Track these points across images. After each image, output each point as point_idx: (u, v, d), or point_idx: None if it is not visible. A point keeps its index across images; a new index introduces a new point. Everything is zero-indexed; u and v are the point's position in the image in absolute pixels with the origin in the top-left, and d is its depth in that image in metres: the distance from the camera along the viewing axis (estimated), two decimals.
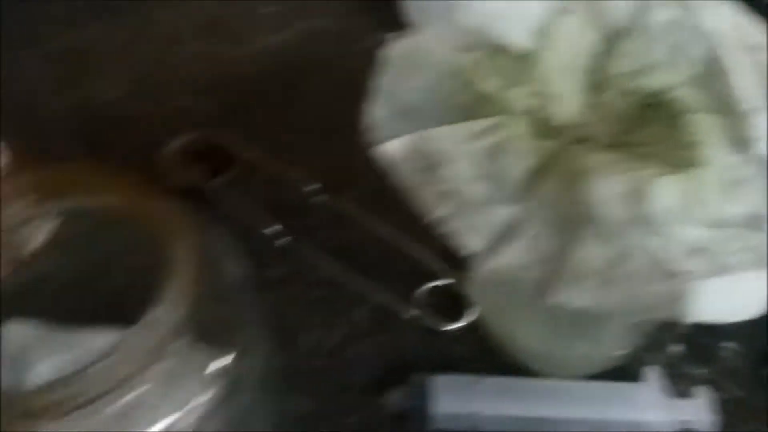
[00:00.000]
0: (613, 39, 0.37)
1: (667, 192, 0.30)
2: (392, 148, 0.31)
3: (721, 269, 0.29)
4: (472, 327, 0.45)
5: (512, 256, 0.29)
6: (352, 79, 0.62)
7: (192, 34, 0.67)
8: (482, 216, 0.30)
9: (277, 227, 0.50)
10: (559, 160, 0.31)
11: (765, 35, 0.35)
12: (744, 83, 0.34)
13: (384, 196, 0.52)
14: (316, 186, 0.52)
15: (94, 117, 0.58)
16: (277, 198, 0.52)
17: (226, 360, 0.30)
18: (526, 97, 0.34)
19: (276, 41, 0.66)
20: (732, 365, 0.44)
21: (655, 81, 0.35)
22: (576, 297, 0.28)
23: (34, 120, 0.57)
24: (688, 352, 0.45)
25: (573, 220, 0.29)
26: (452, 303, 0.46)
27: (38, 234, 0.34)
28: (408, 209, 0.51)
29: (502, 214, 0.30)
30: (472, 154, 0.31)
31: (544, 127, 0.34)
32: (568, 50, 0.35)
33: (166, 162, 0.53)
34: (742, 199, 0.32)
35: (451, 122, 0.33)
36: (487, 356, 0.44)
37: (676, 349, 0.45)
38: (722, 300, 0.29)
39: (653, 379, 0.41)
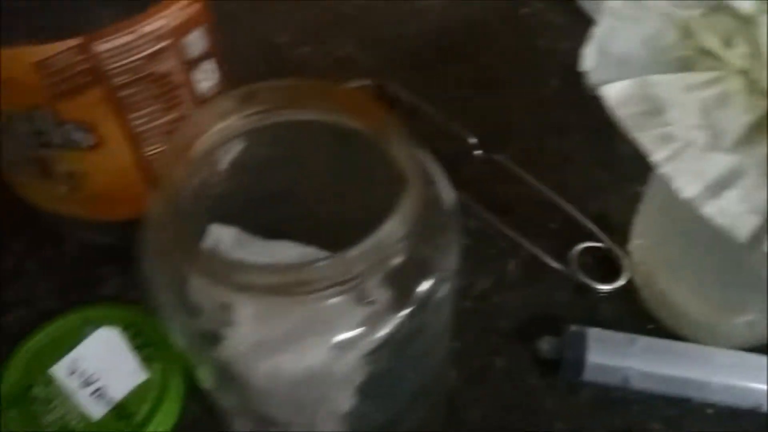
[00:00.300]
0: None
1: None
2: (615, 91, 0.32)
3: None
4: (620, 291, 0.46)
5: (729, 204, 0.30)
6: (515, 41, 0.64)
7: None
8: (701, 162, 0.30)
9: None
10: None
11: None
12: None
13: (543, 155, 0.54)
14: (476, 140, 0.53)
15: (265, 58, 0.61)
16: (437, 150, 0.54)
17: (430, 283, 0.32)
18: (743, 58, 0.34)
19: (439, 2, 0.68)
20: None
21: None
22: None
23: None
24: None
25: None
26: (603, 266, 0.47)
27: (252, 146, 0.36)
28: (565, 172, 0.52)
29: (721, 162, 0.30)
30: (693, 103, 0.31)
31: (757, 89, 0.34)
32: None
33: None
34: None
35: (668, 73, 0.33)
36: (635, 320, 0.45)
37: None
38: None
39: None
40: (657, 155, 0.31)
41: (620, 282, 0.46)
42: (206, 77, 0.39)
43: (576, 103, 0.49)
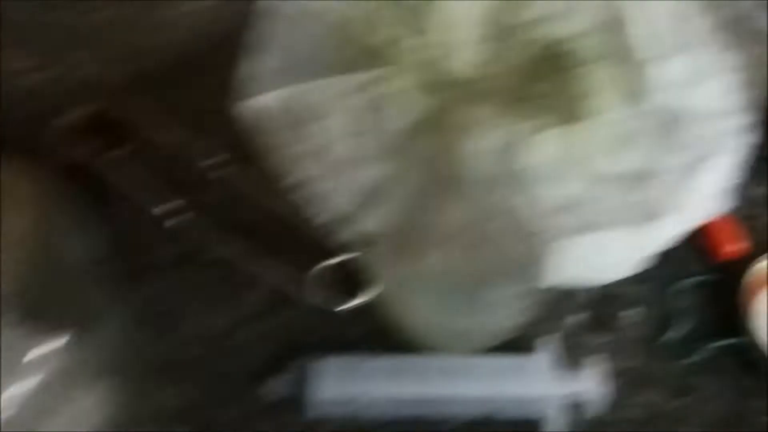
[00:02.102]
0: None
1: (540, 148, 0.28)
2: (259, 104, 0.29)
3: (593, 226, 0.27)
4: (367, 307, 0.44)
5: (379, 220, 0.27)
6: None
7: (106, 2, 0.63)
8: (350, 176, 0.28)
9: (172, 205, 0.48)
10: (440, 117, 0.29)
11: None
12: (642, 32, 0.32)
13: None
14: (218, 159, 0.49)
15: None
16: (176, 173, 0.50)
17: (56, 344, 0.28)
18: (421, 49, 0.32)
19: (191, 8, 0.63)
20: (631, 334, 0.43)
21: (553, 31, 0.33)
22: (438, 261, 0.27)
23: None
24: (588, 321, 0.44)
25: (443, 180, 0.28)
26: (348, 282, 0.45)
27: None
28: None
29: (372, 173, 0.28)
30: (349, 108, 0.28)
31: (437, 81, 0.32)
32: (460, 1, 0.33)
33: (59, 135, 0.50)
34: (630, 153, 0.30)
35: (334, 76, 0.30)
36: (380, 335, 0.42)
37: (575, 318, 0.44)
38: (590, 259, 0.28)
39: (545, 351, 0.40)
40: (304, 173, 0.27)
41: (364, 297, 0.44)
42: None
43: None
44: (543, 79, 0.33)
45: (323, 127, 0.29)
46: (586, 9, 0.33)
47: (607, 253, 0.29)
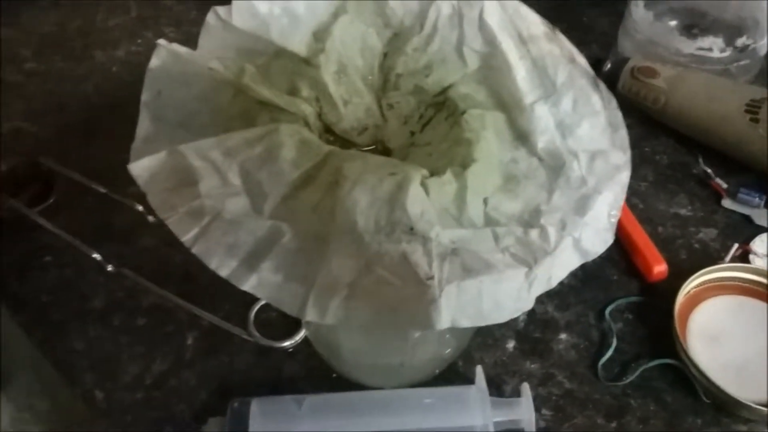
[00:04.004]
0: (397, 38, 0.35)
1: (428, 194, 0.29)
2: (144, 165, 0.29)
3: (481, 269, 0.28)
4: (304, 344, 0.44)
5: (267, 274, 0.27)
6: None
7: (31, 52, 0.64)
8: (234, 233, 0.28)
9: (105, 252, 0.48)
10: (329, 166, 0.29)
11: (542, 25, 0.35)
12: (523, 76, 0.33)
13: None
14: (143, 207, 0.50)
15: None
16: (107, 221, 0.50)
17: None
18: (308, 102, 0.32)
19: (118, 55, 0.64)
20: (566, 358, 0.44)
21: (439, 79, 0.34)
22: (326, 314, 0.27)
23: None
24: (523, 346, 0.44)
25: (331, 230, 0.28)
26: (286, 320, 0.45)
27: None
28: None
29: (258, 229, 0.28)
30: (235, 166, 0.29)
31: (328, 133, 0.33)
32: (351, 52, 0.34)
33: None
34: (519, 194, 0.31)
35: (225, 132, 0.31)
36: (319, 372, 0.43)
37: (510, 344, 0.44)
38: (482, 301, 0.28)
39: (480, 380, 0.41)
40: (185, 235, 0.28)
41: (298, 337, 0.44)
42: None
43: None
44: (432, 127, 0.34)
45: (207, 186, 0.29)
46: (467, 57, 0.34)
47: (498, 295, 0.29)
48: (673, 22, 0.66)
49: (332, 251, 0.27)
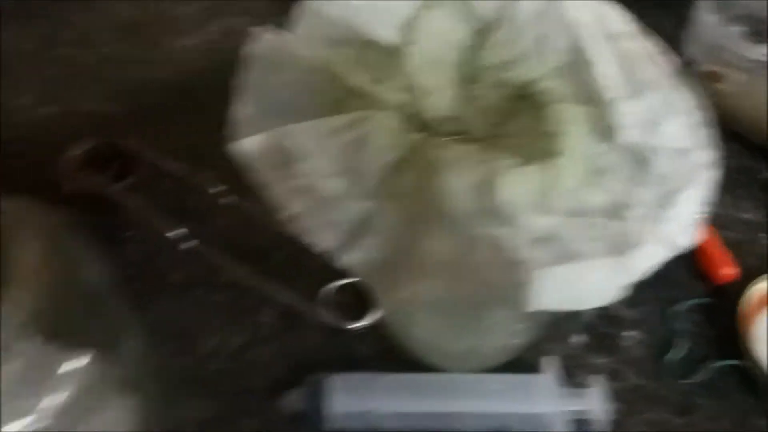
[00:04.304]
0: (482, 32, 0.36)
1: (517, 183, 0.30)
2: (248, 145, 0.30)
3: (570, 257, 0.29)
4: (376, 326, 0.45)
5: (366, 252, 0.29)
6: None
7: (107, 37, 0.66)
8: (336, 212, 0.29)
9: (183, 230, 0.49)
10: (420, 154, 0.31)
11: (627, 23, 0.35)
12: (607, 72, 0.33)
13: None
14: (222, 188, 0.51)
15: (8, 123, 0.57)
16: (184, 201, 0.52)
17: (82, 361, 0.29)
18: (396, 92, 0.33)
19: (191, 43, 0.65)
20: (633, 354, 0.45)
21: (522, 73, 0.35)
22: (424, 291, 0.28)
23: None
24: (591, 341, 0.45)
25: (426, 213, 0.29)
26: (357, 302, 0.46)
27: None
28: None
29: (357, 209, 0.29)
30: (332, 149, 0.30)
31: (414, 121, 0.34)
32: (436, 44, 0.35)
33: (66, 167, 0.52)
34: (603, 187, 0.31)
35: (318, 117, 0.32)
36: (390, 354, 0.44)
37: (578, 339, 0.45)
38: (570, 287, 0.29)
39: (549, 370, 0.41)
40: (292, 209, 0.29)
41: (372, 317, 0.45)
42: None
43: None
44: (515, 119, 0.35)
45: (308, 166, 0.30)
46: (553, 52, 0.35)
47: (585, 282, 0.30)
48: (740, 28, 0.66)
49: (427, 233, 0.29)
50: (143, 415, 0.36)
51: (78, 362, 0.29)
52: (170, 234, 0.49)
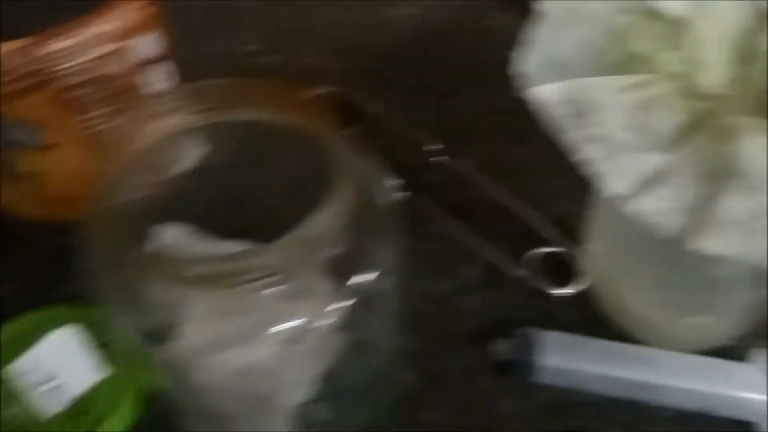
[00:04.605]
0: (762, 16, 0.37)
1: None
2: (546, 92, 0.33)
3: None
4: (578, 296, 0.47)
5: (657, 202, 0.31)
6: (478, 52, 0.65)
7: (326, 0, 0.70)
8: (630, 161, 0.31)
9: (396, 182, 0.52)
10: (708, 120, 0.32)
11: None
12: None
13: (503, 162, 0.55)
14: (437, 146, 0.54)
15: (234, 66, 0.62)
16: (399, 156, 0.55)
17: (370, 276, 0.32)
18: (676, 62, 0.35)
19: (406, 13, 0.69)
20: None
21: None
22: (719, 245, 0.30)
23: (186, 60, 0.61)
24: None
25: (720, 173, 0.31)
26: (561, 271, 0.48)
27: (197, 145, 0.37)
28: (525, 176, 0.53)
29: (650, 161, 0.31)
30: (624, 104, 0.32)
31: (691, 92, 0.35)
32: (721, 22, 0.36)
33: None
34: None
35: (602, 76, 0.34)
36: (592, 324, 0.45)
37: None
38: None
39: (759, 361, 0.42)
40: (586, 155, 0.31)
41: (576, 287, 0.47)
42: (161, 80, 0.40)
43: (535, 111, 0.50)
44: None
45: (602, 117, 0.32)
46: None
47: None
48: None
49: (725, 191, 0.30)
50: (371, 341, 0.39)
51: (367, 277, 0.32)
52: (385, 183, 0.52)
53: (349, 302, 0.32)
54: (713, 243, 0.30)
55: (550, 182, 0.53)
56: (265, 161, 0.38)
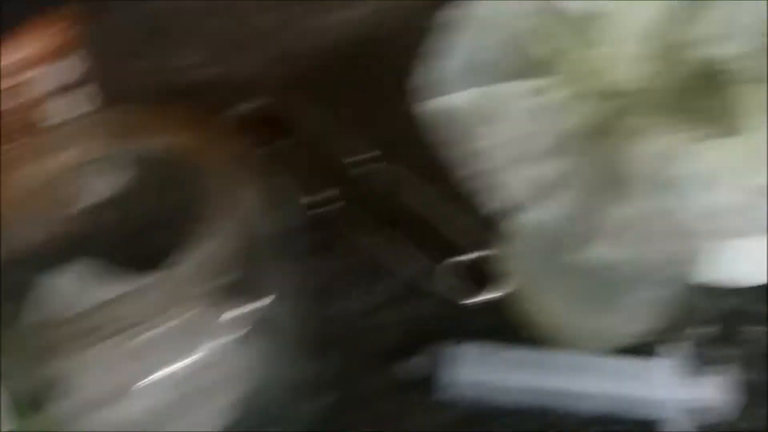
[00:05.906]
0: (672, 10, 0.37)
1: (700, 156, 0.31)
2: (445, 103, 0.33)
3: (742, 232, 0.30)
4: (494, 303, 0.47)
5: (550, 211, 0.31)
6: (411, 56, 0.64)
7: (266, 7, 0.69)
8: (525, 170, 0.31)
9: (317, 196, 0.52)
10: (608, 121, 0.32)
11: None
12: None
13: (440, 167, 0.54)
14: (371, 154, 0.54)
15: (168, 81, 0.61)
16: (330, 166, 0.54)
17: (261, 304, 0.32)
18: (584, 62, 0.35)
19: (348, 16, 0.67)
20: (758, 349, 0.44)
21: (713, 51, 0.36)
22: (609, 251, 0.30)
23: (114, 79, 0.59)
24: (714, 334, 0.45)
25: (610, 180, 0.31)
26: (477, 277, 0.48)
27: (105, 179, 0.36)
28: (447, 182, 0.53)
29: (545, 169, 0.31)
30: (522, 111, 0.32)
31: (601, 92, 0.35)
32: (635, 16, 0.36)
33: (227, 127, 0.56)
34: None
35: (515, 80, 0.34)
36: (507, 330, 0.45)
37: (701, 330, 0.45)
38: (734, 263, 0.30)
39: (671, 357, 0.42)
40: (482, 166, 0.31)
41: (491, 294, 0.47)
42: (76, 107, 0.39)
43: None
44: (700, 96, 0.35)
45: (500, 126, 0.32)
46: (745, 33, 0.35)
47: (751, 259, 0.30)
48: None
49: (609, 199, 0.30)
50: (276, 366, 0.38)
51: (248, 309, 0.32)
52: (305, 198, 0.52)
53: (244, 330, 0.32)
54: (604, 250, 0.30)
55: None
56: (166, 190, 0.37)
